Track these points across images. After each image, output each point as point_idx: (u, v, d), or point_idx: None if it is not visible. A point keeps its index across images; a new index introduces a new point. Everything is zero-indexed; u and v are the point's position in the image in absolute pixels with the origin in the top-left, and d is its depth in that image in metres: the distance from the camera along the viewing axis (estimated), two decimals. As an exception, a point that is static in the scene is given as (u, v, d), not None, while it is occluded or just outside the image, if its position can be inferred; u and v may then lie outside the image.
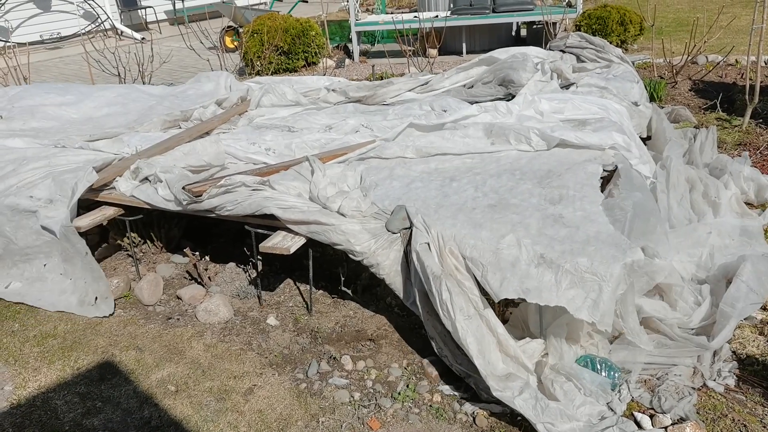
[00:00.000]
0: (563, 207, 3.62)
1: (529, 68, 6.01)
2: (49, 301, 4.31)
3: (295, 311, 4.16)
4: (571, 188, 3.73)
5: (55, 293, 4.31)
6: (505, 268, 3.25)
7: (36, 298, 4.35)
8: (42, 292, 4.34)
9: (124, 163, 4.67)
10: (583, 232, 3.37)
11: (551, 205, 3.66)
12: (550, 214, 3.56)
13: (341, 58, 11.45)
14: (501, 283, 3.21)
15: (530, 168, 4.05)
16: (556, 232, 3.39)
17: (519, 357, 3.18)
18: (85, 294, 4.24)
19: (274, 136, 5.07)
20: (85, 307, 4.24)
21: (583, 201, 3.64)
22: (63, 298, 4.29)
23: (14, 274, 4.45)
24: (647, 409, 3.14)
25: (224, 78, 7.06)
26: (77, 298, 4.26)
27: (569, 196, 3.69)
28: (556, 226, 3.45)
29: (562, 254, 3.20)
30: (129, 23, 15.54)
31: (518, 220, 3.52)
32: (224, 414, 3.31)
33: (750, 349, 3.47)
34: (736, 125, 6.71)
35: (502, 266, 3.26)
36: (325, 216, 3.74)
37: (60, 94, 6.72)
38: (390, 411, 3.28)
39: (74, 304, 4.26)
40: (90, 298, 4.23)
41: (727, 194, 4.66)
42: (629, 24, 10.23)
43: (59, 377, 3.67)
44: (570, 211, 3.57)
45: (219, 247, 4.95)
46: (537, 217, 3.54)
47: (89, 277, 4.22)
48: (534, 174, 3.98)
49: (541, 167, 4.06)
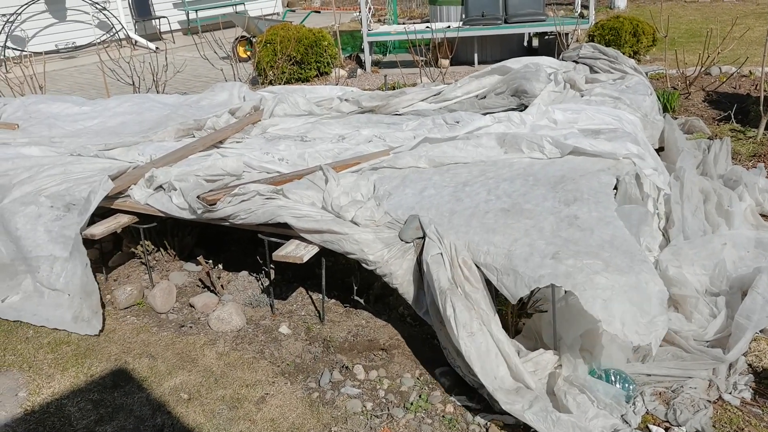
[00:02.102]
0: (578, 208, 3.60)
1: (542, 78, 6.01)
2: (44, 316, 4.22)
3: (307, 320, 4.16)
4: (585, 192, 3.71)
5: (51, 308, 4.22)
6: (518, 264, 3.24)
7: (32, 314, 4.26)
8: (38, 307, 4.26)
9: (139, 171, 4.70)
10: (598, 235, 3.35)
11: (566, 206, 3.63)
12: (565, 216, 3.54)
13: (353, 68, 11.49)
14: (515, 283, 3.22)
15: (544, 174, 4.04)
16: (571, 235, 3.38)
17: (521, 375, 3.15)
18: (79, 310, 4.15)
19: (287, 146, 5.09)
20: (79, 324, 4.12)
21: (598, 204, 3.62)
22: (58, 314, 4.19)
23: (13, 286, 4.37)
24: (662, 421, 3.11)
25: (238, 88, 7.10)
26: (72, 314, 4.16)
27: (584, 199, 3.67)
28: (570, 229, 3.43)
29: (577, 254, 3.19)
30: (143, 33, 15.66)
31: (532, 225, 3.50)
32: (237, 422, 3.31)
33: (766, 362, 3.44)
34: (750, 136, 6.68)
35: (514, 265, 3.25)
36: (338, 225, 3.75)
37: (76, 103, 6.79)
38: (402, 421, 3.27)
39: (68, 319, 4.16)
40: (84, 314, 4.14)
41: (741, 206, 4.63)
42: (642, 35, 10.21)
43: (73, 384, 3.69)
44: (585, 212, 3.55)
45: (232, 255, 4.96)
46: (551, 220, 3.52)
47: (82, 292, 4.17)
48: (548, 180, 3.96)
49: (555, 173, 4.04)
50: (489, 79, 6.51)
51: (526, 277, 3.19)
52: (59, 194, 4.40)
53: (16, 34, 13.93)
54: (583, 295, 3.04)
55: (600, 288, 3.06)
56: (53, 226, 4.30)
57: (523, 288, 3.19)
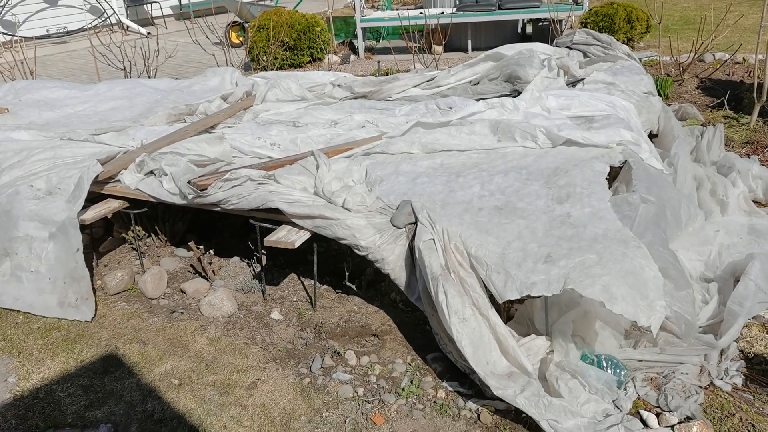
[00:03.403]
0: (570, 205, 3.59)
1: (535, 64, 5.98)
2: (27, 302, 4.15)
3: (299, 306, 4.15)
4: (579, 185, 3.70)
5: (33, 293, 4.14)
6: (510, 268, 3.23)
7: (14, 298, 4.18)
8: (20, 291, 4.17)
9: (129, 156, 4.66)
10: (591, 230, 3.34)
11: (558, 204, 3.62)
12: (558, 216, 3.53)
13: (346, 54, 11.42)
14: (505, 284, 3.19)
15: (537, 167, 4.01)
16: (563, 233, 3.37)
17: (518, 358, 3.14)
18: (64, 295, 4.09)
19: (279, 131, 5.05)
20: (65, 309, 4.08)
21: (591, 198, 3.61)
22: (42, 299, 4.12)
23: None
24: (653, 407, 3.11)
25: (230, 73, 7.04)
26: (57, 299, 4.09)
27: (577, 194, 3.66)
28: (563, 227, 3.42)
29: (570, 251, 3.18)
30: (135, 18, 15.52)
31: (525, 225, 3.49)
32: (227, 408, 3.30)
33: (758, 348, 3.44)
34: (743, 123, 6.67)
35: (506, 266, 3.24)
36: (330, 210, 3.72)
37: (66, 87, 6.72)
38: (394, 407, 3.26)
39: (54, 305, 4.10)
40: (70, 299, 4.08)
41: (735, 192, 4.63)
42: (636, 21, 10.18)
43: (63, 369, 3.66)
44: (578, 209, 3.54)
45: (223, 241, 4.94)
46: (544, 220, 3.51)
47: (69, 278, 4.09)
48: (541, 173, 3.94)
49: (548, 165, 4.02)
50: (482, 66, 6.47)
51: (518, 282, 3.15)
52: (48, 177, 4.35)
53: (7, 19, 13.78)
54: (581, 285, 3.02)
55: (597, 275, 3.04)
56: (30, 204, 4.22)
57: (513, 291, 3.15)
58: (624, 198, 3.59)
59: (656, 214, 3.58)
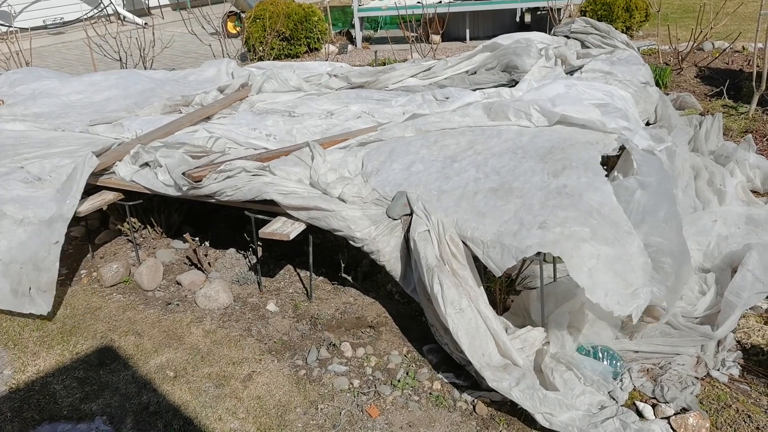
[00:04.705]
0: (566, 177, 3.54)
1: (533, 54, 5.94)
2: None
3: (294, 297, 4.13)
4: (574, 161, 3.66)
5: None
6: (505, 240, 3.20)
7: None
8: None
9: (125, 147, 4.63)
10: (587, 200, 3.31)
11: (554, 178, 3.57)
12: (554, 188, 3.48)
13: (344, 43, 11.36)
14: (502, 255, 3.17)
15: (532, 146, 3.95)
16: (559, 202, 3.33)
17: (509, 351, 3.13)
18: (18, 282, 3.92)
19: (274, 122, 5.02)
20: (18, 299, 3.92)
21: (587, 171, 3.56)
22: None
23: None
24: (649, 398, 3.11)
25: (225, 64, 7.01)
26: (10, 285, 3.93)
27: (573, 167, 3.60)
28: (559, 197, 3.38)
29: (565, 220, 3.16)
30: (131, 8, 15.44)
31: (521, 204, 3.45)
32: (223, 400, 3.29)
33: (755, 339, 3.43)
34: (742, 112, 6.64)
35: (502, 240, 3.21)
36: (325, 202, 3.70)
37: (61, 78, 6.69)
38: (389, 398, 3.25)
39: (7, 291, 3.94)
40: (24, 288, 3.91)
41: (732, 182, 4.61)
42: (635, 10, 10.12)
43: (58, 362, 3.66)
44: (574, 179, 3.50)
45: (219, 232, 4.92)
46: (540, 196, 3.47)
47: (30, 264, 3.93)
48: (536, 152, 3.88)
49: (544, 144, 3.96)
50: (480, 56, 6.43)
51: (513, 249, 3.14)
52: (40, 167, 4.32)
53: (3, 10, 13.72)
54: (570, 262, 3.01)
55: (586, 256, 3.02)
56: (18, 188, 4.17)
57: (510, 259, 3.14)
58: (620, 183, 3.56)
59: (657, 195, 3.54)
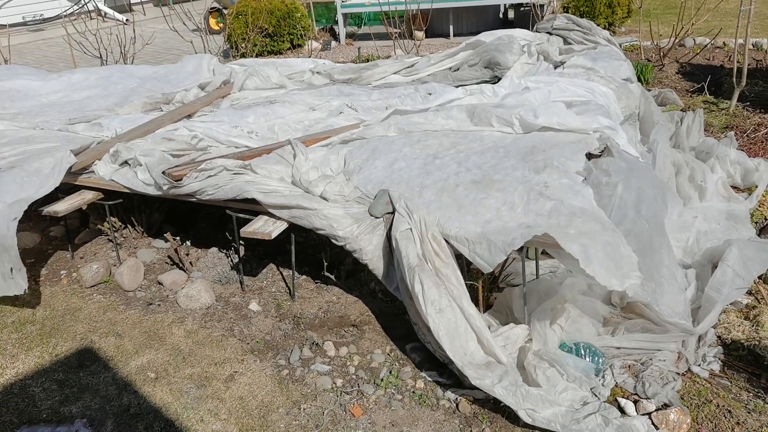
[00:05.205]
0: (548, 175, 3.51)
1: (515, 50, 5.95)
2: None
3: (277, 297, 4.11)
4: (556, 159, 3.65)
5: None
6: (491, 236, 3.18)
7: None
8: None
9: (104, 146, 4.58)
10: (569, 205, 3.30)
11: (536, 174, 3.55)
12: (535, 185, 3.46)
13: (327, 40, 11.32)
14: (490, 250, 3.15)
15: (515, 147, 3.96)
16: (542, 206, 3.32)
17: (492, 349, 3.13)
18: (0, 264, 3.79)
19: (256, 118, 4.97)
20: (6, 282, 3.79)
21: (568, 172, 3.54)
22: None
23: None
24: (631, 394, 3.12)
25: (207, 60, 6.93)
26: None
27: (554, 166, 3.59)
28: (541, 199, 3.37)
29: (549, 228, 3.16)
30: (112, 5, 15.30)
31: (503, 200, 3.43)
32: (205, 401, 3.27)
33: (735, 335, 3.45)
34: (723, 108, 6.69)
35: (488, 236, 3.19)
36: (307, 200, 3.68)
37: (40, 76, 6.60)
38: (372, 398, 3.24)
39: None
40: (5, 269, 3.78)
41: (713, 178, 4.64)
42: (617, 6, 10.17)
43: (37, 364, 3.61)
44: (555, 179, 3.48)
45: (201, 231, 4.88)
46: (521, 191, 3.45)
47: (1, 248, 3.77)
48: (518, 151, 3.88)
49: (526, 144, 3.96)
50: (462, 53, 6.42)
51: (500, 242, 3.12)
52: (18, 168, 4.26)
53: (-19, 6, 13.54)
54: (561, 239, 2.98)
55: (576, 234, 3.02)
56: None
57: (499, 254, 3.10)
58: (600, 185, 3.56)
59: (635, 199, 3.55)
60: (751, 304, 3.70)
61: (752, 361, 3.29)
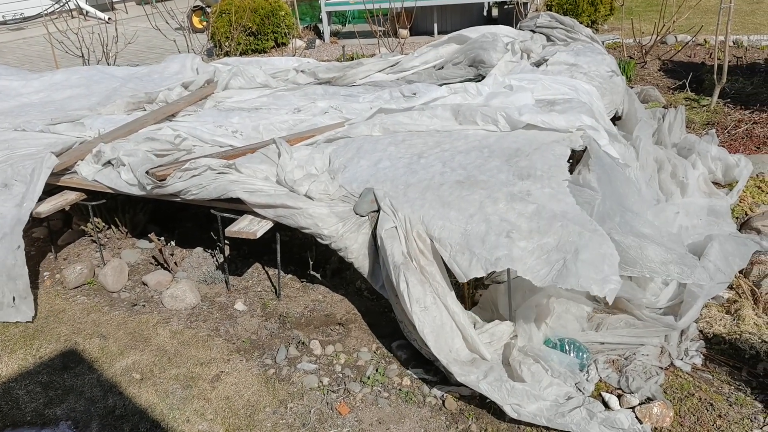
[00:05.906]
0: (531, 183, 3.55)
1: (499, 48, 5.97)
2: None
3: (263, 296, 4.11)
4: (539, 169, 3.68)
5: None
6: (474, 246, 3.20)
7: None
8: None
9: (87, 146, 4.55)
10: (550, 209, 3.32)
11: (520, 180, 3.58)
12: (518, 191, 3.49)
13: (312, 38, 11.30)
14: (470, 263, 3.17)
15: (499, 146, 3.98)
16: (524, 208, 3.34)
17: (477, 346, 3.15)
18: (1, 294, 3.91)
19: (241, 118, 4.97)
20: (5, 310, 3.91)
21: (551, 181, 3.58)
22: None
23: None
24: (615, 389, 3.15)
25: (190, 59, 6.91)
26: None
27: (537, 176, 3.63)
28: (523, 202, 3.39)
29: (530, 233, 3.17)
30: (94, 3, 15.18)
31: (486, 195, 3.45)
32: (191, 401, 3.26)
33: (717, 329, 3.49)
34: (704, 105, 6.75)
35: (470, 245, 3.21)
36: (292, 199, 3.68)
37: (21, 76, 6.54)
38: (359, 395, 3.25)
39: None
40: (8, 299, 3.90)
41: (694, 174, 4.69)
42: (600, 4, 10.23)
43: (21, 366, 3.59)
44: (538, 188, 3.51)
45: (186, 231, 4.86)
46: (505, 192, 3.47)
47: (5, 276, 3.91)
48: (503, 152, 3.91)
49: (510, 145, 3.99)
50: (446, 48, 6.45)
51: (483, 259, 3.14)
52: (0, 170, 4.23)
53: (-40, 5, 13.39)
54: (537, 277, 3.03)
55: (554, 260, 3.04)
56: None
57: (478, 269, 3.13)
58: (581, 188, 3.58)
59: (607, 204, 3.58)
60: (732, 298, 3.74)
61: (733, 355, 3.33)
